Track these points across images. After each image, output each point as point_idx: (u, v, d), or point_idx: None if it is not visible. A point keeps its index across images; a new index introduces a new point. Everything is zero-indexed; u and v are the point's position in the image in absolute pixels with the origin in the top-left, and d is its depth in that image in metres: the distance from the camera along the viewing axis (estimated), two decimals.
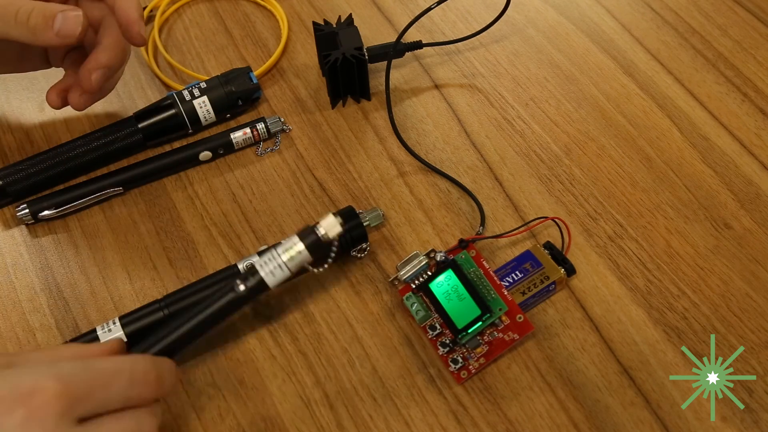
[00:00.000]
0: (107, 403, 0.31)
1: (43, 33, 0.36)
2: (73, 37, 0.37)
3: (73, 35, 0.37)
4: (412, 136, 0.48)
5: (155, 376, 0.32)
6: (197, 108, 0.47)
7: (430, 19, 0.54)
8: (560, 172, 0.45)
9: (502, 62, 0.51)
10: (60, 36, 0.37)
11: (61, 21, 0.37)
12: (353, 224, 0.41)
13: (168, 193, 0.46)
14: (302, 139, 0.48)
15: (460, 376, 0.38)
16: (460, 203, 0.45)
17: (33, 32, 0.37)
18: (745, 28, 0.52)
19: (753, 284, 0.41)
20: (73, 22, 0.37)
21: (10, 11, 0.37)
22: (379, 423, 0.37)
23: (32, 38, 0.37)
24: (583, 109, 0.48)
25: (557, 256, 0.41)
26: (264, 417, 0.38)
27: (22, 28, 0.36)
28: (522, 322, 0.38)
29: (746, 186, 0.44)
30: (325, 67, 0.46)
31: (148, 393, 0.32)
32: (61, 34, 0.37)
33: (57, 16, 0.36)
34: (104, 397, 0.31)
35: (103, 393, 0.30)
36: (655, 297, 0.40)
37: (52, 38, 0.37)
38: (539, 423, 0.37)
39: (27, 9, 0.37)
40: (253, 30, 0.54)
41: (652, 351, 0.39)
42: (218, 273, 0.41)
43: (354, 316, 0.41)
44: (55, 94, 0.45)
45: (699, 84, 0.49)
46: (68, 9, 0.38)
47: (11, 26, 0.37)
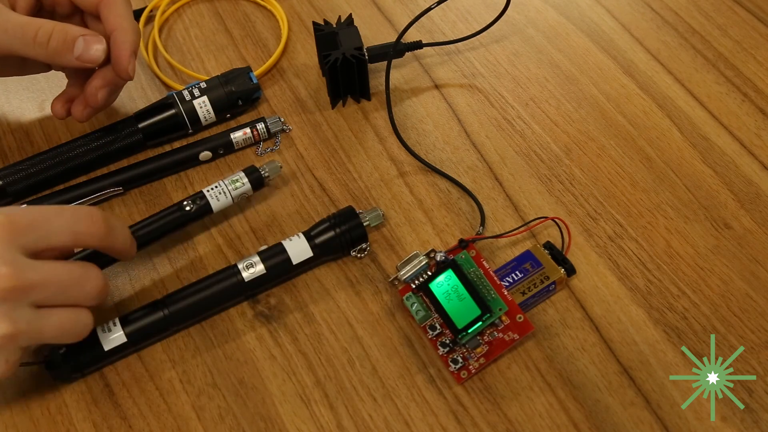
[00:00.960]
0: (52, 235, 0.33)
1: (63, 56, 0.36)
2: (95, 64, 0.37)
3: (94, 63, 0.37)
4: (412, 136, 0.48)
5: (102, 218, 0.35)
6: (197, 108, 0.47)
7: (430, 19, 0.54)
8: (560, 172, 0.45)
9: (502, 62, 0.51)
10: (80, 60, 0.37)
11: (83, 47, 0.37)
12: (353, 224, 0.41)
13: (168, 193, 0.46)
14: (302, 139, 0.48)
15: (460, 376, 0.38)
16: (460, 203, 0.45)
17: (52, 55, 0.36)
18: (745, 28, 0.52)
19: (753, 284, 0.41)
20: (96, 52, 0.37)
21: (29, 32, 0.36)
22: (379, 423, 0.37)
23: (51, 60, 0.37)
24: (583, 109, 0.48)
25: (557, 256, 0.41)
26: (264, 417, 0.38)
27: (40, 49, 0.36)
28: (522, 322, 0.38)
29: (746, 186, 0.44)
30: (325, 67, 0.46)
31: (95, 230, 0.34)
32: (81, 59, 0.37)
33: (78, 40, 0.36)
34: (47, 228, 0.33)
35: (46, 224, 0.33)
36: (655, 297, 0.40)
37: (71, 61, 0.36)
38: (539, 423, 0.37)
39: (47, 30, 0.37)
40: (253, 30, 0.54)
41: (652, 351, 0.39)
42: (218, 273, 0.41)
43: (354, 316, 0.41)
44: (60, 104, 0.45)
45: (699, 84, 0.49)
46: (89, 34, 0.38)
47: (30, 47, 0.36)
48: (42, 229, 0.33)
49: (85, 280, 0.35)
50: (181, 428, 0.37)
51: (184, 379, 0.39)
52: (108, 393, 0.39)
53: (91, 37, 0.38)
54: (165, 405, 0.38)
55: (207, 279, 0.40)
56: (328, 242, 0.41)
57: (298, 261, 0.41)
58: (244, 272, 0.40)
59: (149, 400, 0.38)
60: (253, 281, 0.40)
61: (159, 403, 0.38)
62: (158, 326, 0.39)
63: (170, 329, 0.40)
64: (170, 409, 0.38)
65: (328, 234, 0.41)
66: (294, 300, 0.41)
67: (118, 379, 0.39)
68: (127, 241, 0.38)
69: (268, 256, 0.40)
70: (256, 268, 0.40)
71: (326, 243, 0.41)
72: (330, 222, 0.42)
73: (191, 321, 0.40)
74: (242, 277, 0.40)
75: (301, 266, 0.41)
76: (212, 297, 0.40)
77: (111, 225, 0.36)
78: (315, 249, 0.41)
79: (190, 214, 0.41)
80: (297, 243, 0.41)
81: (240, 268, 0.40)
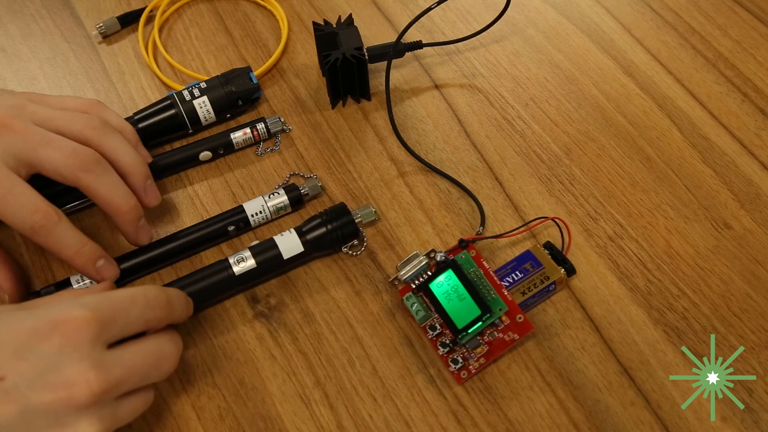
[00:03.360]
0: (129, 326, 0.34)
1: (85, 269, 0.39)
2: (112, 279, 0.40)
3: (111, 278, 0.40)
4: (412, 136, 0.48)
5: (165, 298, 0.36)
6: (197, 108, 0.47)
7: (430, 19, 0.54)
8: (560, 172, 0.45)
9: (502, 62, 0.51)
10: (99, 275, 0.40)
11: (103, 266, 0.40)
12: (344, 221, 0.42)
13: (168, 193, 0.46)
14: (302, 139, 0.48)
15: (460, 376, 0.38)
16: (460, 203, 0.45)
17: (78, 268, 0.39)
18: (745, 28, 0.52)
19: (753, 284, 0.41)
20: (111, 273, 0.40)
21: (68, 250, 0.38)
22: (379, 423, 0.37)
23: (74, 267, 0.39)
24: (583, 109, 0.48)
25: (557, 256, 0.41)
26: (264, 417, 0.38)
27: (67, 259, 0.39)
28: (522, 322, 0.38)
29: (746, 186, 0.44)
30: (325, 67, 0.46)
31: (162, 314, 0.35)
32: (100, 275, 0.40)
33: (99, 261, 0.39)
34: (126, 320, 0.33)
35: (125, 316, 0.33)
36: (655, 297, 0.40)
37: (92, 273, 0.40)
38: (539, 423, 0.37)
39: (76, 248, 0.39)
40: (253, 30, 0.54)
41: (652, 351, 0.39)
42: (209, 267, 0.41)
43: (354, 316, 0.41)
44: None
45: (699, 84, 0.49)
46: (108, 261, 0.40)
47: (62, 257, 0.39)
48: (122, 321, 0.33)
49: (163, 360, 0.35)
50: (181, 428, 0.37)
51: (184, 379, 0.39)
52: None
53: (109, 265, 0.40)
54: (165, 405, 0.38)
55: (198, 273, 0.41)
56: (319, 238, 0.41)
57: (289, 256, 0.41)
58: (235, 266, 0.40)
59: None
60: (244, 275, 0.40)
61: (159, 403, 0.38)
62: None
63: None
64: (170, 409, 0.38)
65: (319, 230, 0.41)
66: (294, 300, 0.41)
67: None
68: (185, 314, 0.38)
69: (260, 250, 0.41)
70: (247, 262, 0.40)
71: (318, 239, 0.41)
72: (322, 218, 0.42)
73: None
74: (233, 271, 0.40)
75: (292, 261, 0.41)
76: (203, 291, 0.40)
77: (172, 303, 0.36)
78: (306, 244, 0.41)
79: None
80: (288, 238, 0.41)
81: (231, 263, 0.40)
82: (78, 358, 0.31)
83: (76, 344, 0.31)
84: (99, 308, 0.32)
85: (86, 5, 0.56)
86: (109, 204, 0.39)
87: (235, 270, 0.40)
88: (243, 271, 0.40)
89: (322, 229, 0.41)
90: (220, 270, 0.40)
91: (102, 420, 0.32)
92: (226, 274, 0.40)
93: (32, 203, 0.37)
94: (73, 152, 0.38)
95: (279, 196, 0.44)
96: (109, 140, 0.40)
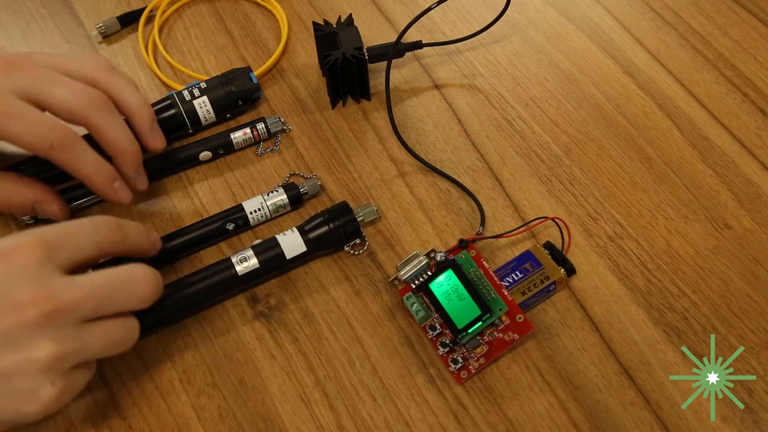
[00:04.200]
0: (80, 249, 0.34)
1: (104, 190, 0.41)
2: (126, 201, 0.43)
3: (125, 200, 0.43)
4: (412, 136, 0.48)
5: (114, 223, 0.36)
6: (197, 108, 0.47)
7: (430, 19, 0.54)
8: (560, 172, 0.45)
9: (502, 62, 0.51)
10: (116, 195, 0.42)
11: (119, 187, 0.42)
12: (347, 219, 0.42)
13: (168, 193, 0.46)
14: (302, 139, 0.48)
15: (460, 376, 0.38)
16: (460, 203, 0.45)
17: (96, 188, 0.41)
18: (745, 28, 0.52)
19: (753, 284, 0.41)
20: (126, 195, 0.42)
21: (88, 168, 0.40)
22: (379, 423, 0.37)
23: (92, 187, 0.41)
24: (583, 109, 0.48)
25: (557, 256, 0.41)
26: (264, 417, 0.38)
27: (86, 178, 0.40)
28: (522, 322, 0.38)
29: (746, 186, 0.44)
30: (325, 67, 0.46)
31: (113, 236, 0.36)
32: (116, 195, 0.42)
33: (115, 182, 0.41)
34: (74, 243, 0.34)
35: (72, 239, 0.34)
36: (655, 297, 0.40)
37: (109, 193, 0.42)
38: (539, 423, 0.37)
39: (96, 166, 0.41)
40: (253, 30, 0.54)
41: (652, 351, 0.39)
42: (212, 266, 0.41)
43: (354, 316, 0.41)
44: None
45: (699, 84, 0.49)
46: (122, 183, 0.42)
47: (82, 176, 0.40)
48: (70, 244, 0.34)
49: (132, 284, 0.35)
50: (181, 428, 0.37)
51: (184, 379, 0.39)
52: (108, 393, 0.39)
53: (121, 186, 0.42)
54: (165, 405, 0.38)
55: (201, 272, 0.40)
56: (321, 237, 0.41)
57: (291, 255, 0.41)
58: (238, 266, 0.40)
59: (149, 400, 0.38)
60: (246, 275, 0.40)
61: (159, 403, 0.38)
62: (152, 319, 0.39)
63: (164, 323, 0.40)
64: (170, 409, 0.38)
65: (321, 229, 0.41)
66: (294, 300, 0.41)
67: (118, 379, 0.39)
68: (144, 239, 0.38)
69: (262, 249, 0.41)
70: (249, 261, 0.40)
71: (320, 238, 0.41)
72: (324, 217, 0.42)
73: (185, 314, 0.40)
74: (236, 270, 0.40)
75: (294, 261, 0.41)
76: (206, 290, 0.40)
77: (125, 229, 0.37)
78: (308, 243, 0.41)
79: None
80: (291, 237, 0.41)
81: (234, 262, 0.40)
82: (26, 279, 0.32)
83: (24, 267, 0.32)
84: (43, 233, 0.33)
85: (86, 5, 0.56)
86: (115, 144, 0.40)
87: (238, 270, 0.40)
88: (246, 271, 0.40)
89: (324, 228, 0.41)
90: (223, 269, 0.40)
91: (60, 341, 0.32)
92: (228, 273, 0.40)
93: (51, 122, 0.38)
94: (83, 91, 0.39)
95: (278, 194, 0.44)
96: (116, 83, 0.41)
